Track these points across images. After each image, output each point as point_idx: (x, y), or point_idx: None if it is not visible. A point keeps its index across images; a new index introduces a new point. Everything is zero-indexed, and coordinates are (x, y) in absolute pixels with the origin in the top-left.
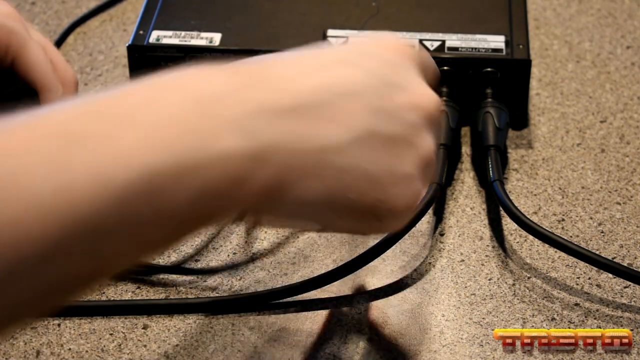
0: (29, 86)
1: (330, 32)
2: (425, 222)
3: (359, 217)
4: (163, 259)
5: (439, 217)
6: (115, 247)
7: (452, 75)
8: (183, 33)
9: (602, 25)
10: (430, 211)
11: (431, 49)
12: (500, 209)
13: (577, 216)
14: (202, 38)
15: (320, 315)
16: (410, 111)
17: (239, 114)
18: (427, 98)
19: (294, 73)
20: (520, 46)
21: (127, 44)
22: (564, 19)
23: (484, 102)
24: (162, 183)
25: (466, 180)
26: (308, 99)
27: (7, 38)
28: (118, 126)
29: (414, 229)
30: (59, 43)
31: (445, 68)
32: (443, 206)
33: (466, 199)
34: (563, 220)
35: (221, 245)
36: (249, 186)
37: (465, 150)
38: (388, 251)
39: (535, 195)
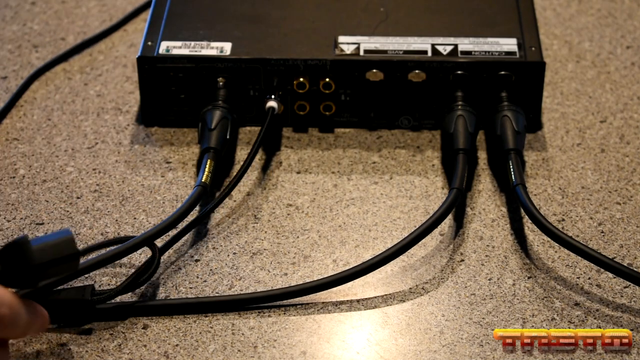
0: None
1: (341, 38)
2: None
3: None
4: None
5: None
6: None
7: (466, 80)
8: (193, 43)
9: (602, 25)
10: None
11: (444, 53)
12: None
13: (577, 216)
14: (212, 48)
15: (321, 315)
16: None
17: None
18: None
19: None
20: (533, 48)
21: (137, 56)
22: (564, 19)
23: (500, 105)
24: None
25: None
26: None
27: None
28: None
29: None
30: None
31: (459, 72)
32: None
33: (467, 199)
34: (563, 220)
35: (221, 245)
36: None
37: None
38: None
39: (535, 195)
